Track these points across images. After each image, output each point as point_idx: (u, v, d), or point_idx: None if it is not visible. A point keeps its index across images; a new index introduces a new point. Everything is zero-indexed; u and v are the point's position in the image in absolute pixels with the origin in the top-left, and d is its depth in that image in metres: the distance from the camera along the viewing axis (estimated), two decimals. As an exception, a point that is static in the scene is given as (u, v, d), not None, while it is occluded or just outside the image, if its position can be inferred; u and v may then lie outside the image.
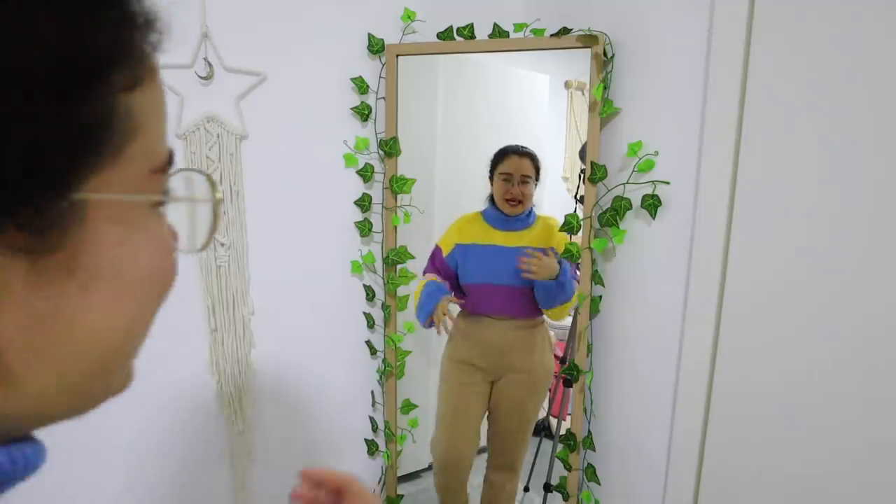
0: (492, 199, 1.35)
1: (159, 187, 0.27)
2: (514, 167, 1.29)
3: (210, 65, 1.16)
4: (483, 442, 1.52)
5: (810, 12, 0.85)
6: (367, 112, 1.36)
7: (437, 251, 1.38)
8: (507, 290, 1.31)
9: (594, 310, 1.27)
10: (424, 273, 1.38)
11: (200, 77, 1.15)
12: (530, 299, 1.31)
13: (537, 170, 1.32)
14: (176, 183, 0.29)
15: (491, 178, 1.35)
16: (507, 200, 1.29)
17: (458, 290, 1.41)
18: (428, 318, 1.31)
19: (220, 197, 0.30)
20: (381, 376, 1.51)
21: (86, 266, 0.23)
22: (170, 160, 0.28)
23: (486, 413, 1.45)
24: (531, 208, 1.35)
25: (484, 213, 1.35)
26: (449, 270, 1.36)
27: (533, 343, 1.36)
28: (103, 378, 0.27)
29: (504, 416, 1.41)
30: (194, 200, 0.31)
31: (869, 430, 0.83)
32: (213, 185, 0.30)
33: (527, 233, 1.31)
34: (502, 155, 1.32)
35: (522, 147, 1.30)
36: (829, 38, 0.83)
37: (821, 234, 0.86)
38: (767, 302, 0.94)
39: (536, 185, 1.32)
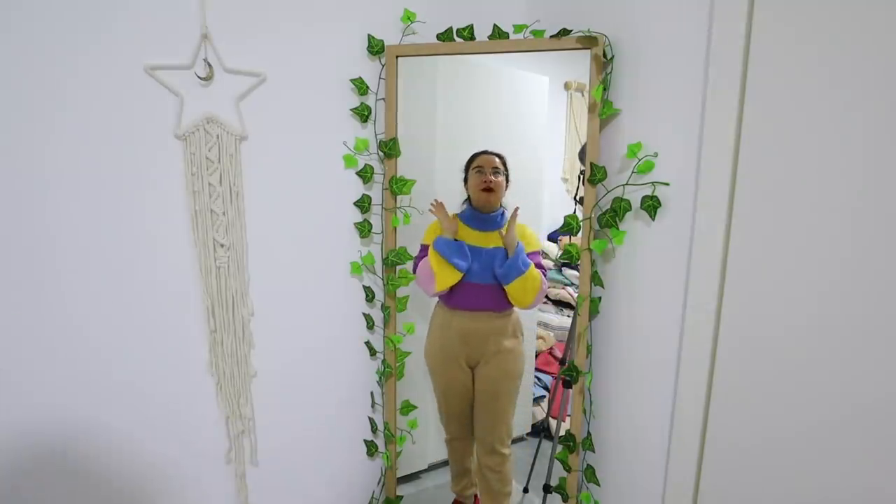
0: (469, 201, 1.43)
1: None
2: (484, 161, 1.41)
3: (210, 65, 1.16)
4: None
5: (810, 13, 0.85)
6: (366, 113, 1.36)
7: (423, 247, 1.43)
8: (482, 287, 1.39)
9: (594, 311, 1.28)
10: (414, 270, 1.42)
11: (200, 78, 1.15)
12: (501, 294, 1.39)
13: (506, 168, 1.43)
14: None
15: (466, 180, 1.44)
16: (482, 191, 1.39)
17: None
18: (455, 249, 1.38)
19: None
20: (380, 377, 1.51)
21: None
22: None
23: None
24: (502, 211, 1.41)
25: (461, 215, 1.42)
26: None
27: (504, 329, 1.44)
28: None
29: (482, 399, 1.48)
30: None
31: (869, 431, 0.83)
32: None
33: (499, 233, 1.40)
34: (474, 157, 1.44)
35: (490, 150, 1.43)
36: (828, 38, 0.83)
37: (820, 234, 0.86)
38: (767, 302, 0.94)
39: (507, 184, 1.42)
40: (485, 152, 1.42)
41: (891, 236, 0.78)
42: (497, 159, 1.41)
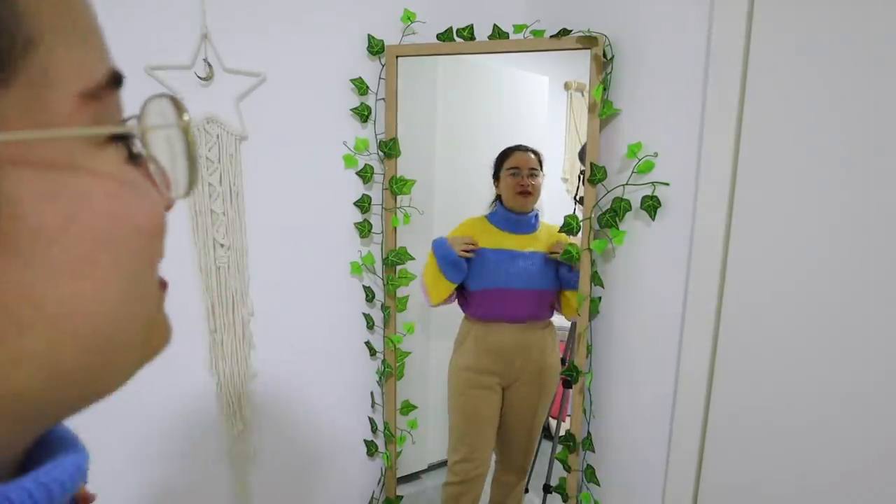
0: (499, 200, 1.37)
1: (98, 117, 0.21)
2: (520, 161, 1.32)
3: (210, 65, 1.16)
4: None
5: (810, 12, 0.85)
6: (366, 113, 1.36)
7: None
8: (525, 294, 1.31)
9: (594, 311, 1.27)
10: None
11: (200, 78, 1.15)
12: (545, 300, 1.32)
13: (541, 164, 1.35)
14: (149, 116, 0.24)
15: (496, 178, 1.36)
16: (518, 193, 1.31)
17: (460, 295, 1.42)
18: (451, 261, 1.28)
19: (188, 120, 0.24)
20: (380, 377, 1.51)
21: (11, 234, 0.18)
22: (112, 81, 0.22)
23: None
24: (536, 213, 1.36)
25: (490, 217, 1.36)
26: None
27: (544, 344, 1.37)
28: (111, 352, 0.22)
29: (516, 420, 1.41)
30: (150, 129, 0.23)
31: (869, 432, 0.83)
32: (178, 107, 0.24)
33: (534, 237, 1.34)
34: (507, 153, 1.35)
35: (525, 144, 1.34)
36: (829, 38, 0.83)
37: (821, 235, 0.86)
38: (767, 303, 0.94)
39: (542, 179, 1.35)
40: (519, 148, 1.32)
41: (892, 236, 0.78)
42: (533, 156, 1.31)
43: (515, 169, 1.33)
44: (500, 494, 1.49)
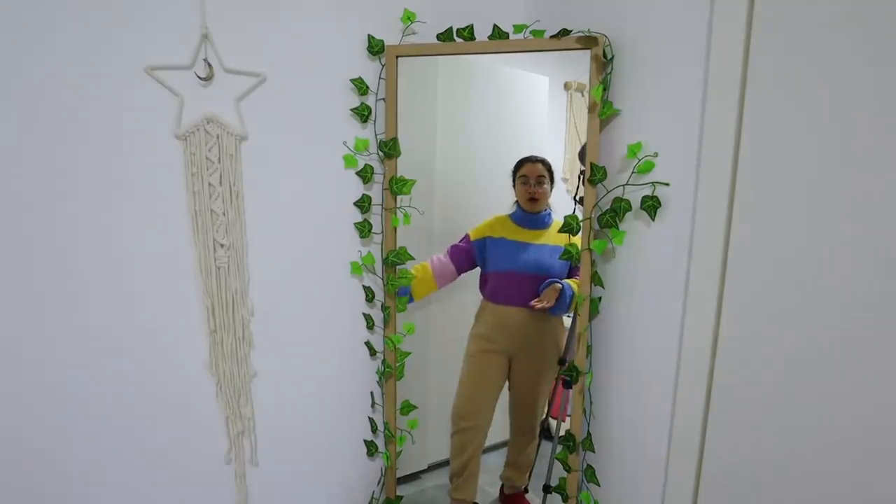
0: (517, 202, 1.52)
1: None
2: (529, 171, 1.48)
3: (210, 66, 1.16)
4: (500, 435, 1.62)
5: (810, 13, 0.85)
6: (366, 113, 1.36)
7: (466, 235, 1.54)
8: (528, 278, 1.47)
9: (594, 311, 1.28)
10: (450, 252, 1.54)
11: (200, 78, 1.15)
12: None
13: (551, 172, 1.49)
14: None
15: (514, 184, 1.52)
16: (527, 199, 1.49)
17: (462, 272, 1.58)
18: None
19: None
20: (380, 377, 1.51)
21: None
22: None
23: (504, 390, 1.61)
24: (549, 211, 1.49)
25: (512, 216, 1.51)
26: (469, 254, 1.55)
27: (547, 326, 1.52)
28: None
29: (522, 382, 1.58)
30: None
31: (867, 429, 0.83)
32: None
33: (546, 232, 1.48)
34: (520, 164, 1.50)
35: (535, 155, 1.49)
36: (829, 38, 0.83)
37: (820, 235, 0.86)
38: (767, 302, 0.94)
39: (552, 186, 1.49)
40: (529, 160, 1.49)
41: (890, 235, 0.78)
42: (541, 166, 1.48)
43: (525, 178, 1.48)
44: (513, 453, 1.65)
